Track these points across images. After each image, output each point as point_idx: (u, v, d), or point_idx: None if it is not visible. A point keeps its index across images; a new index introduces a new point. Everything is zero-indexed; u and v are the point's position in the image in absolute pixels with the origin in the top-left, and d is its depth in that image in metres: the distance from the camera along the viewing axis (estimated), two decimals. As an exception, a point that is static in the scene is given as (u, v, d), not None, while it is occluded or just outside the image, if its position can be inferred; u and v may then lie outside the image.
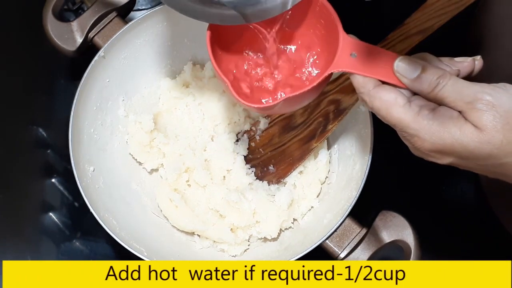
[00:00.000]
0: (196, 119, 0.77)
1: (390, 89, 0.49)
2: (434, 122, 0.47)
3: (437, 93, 0.48)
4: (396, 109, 0.48)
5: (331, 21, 0.52)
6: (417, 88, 0.49)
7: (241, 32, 0.56)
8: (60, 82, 0.87)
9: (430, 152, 0.48)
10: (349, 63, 0.50)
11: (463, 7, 0.57)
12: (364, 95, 0.50)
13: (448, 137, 0.46)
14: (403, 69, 0.49)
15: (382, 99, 0.48)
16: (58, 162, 0.83)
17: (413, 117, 0.47)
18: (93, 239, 0.79)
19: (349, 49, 0.50)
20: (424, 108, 0.48)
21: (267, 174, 0.74)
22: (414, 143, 0.48)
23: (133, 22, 0.72)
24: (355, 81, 0.50)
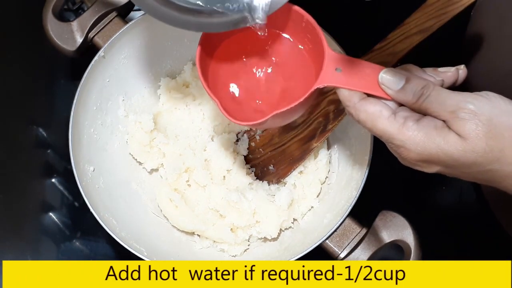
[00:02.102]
0: (196, 119, 0.77)
1: (375, 102, 0.50)
2: (419, 133, 0.48)
3: (421, 103, 0.48)
4: (381, 121, 0.49)
5: (316, 36, 0.53)
6: (402, 99, 0.49)
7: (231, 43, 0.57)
8: (60, 82, 0.87)
9: (416, 161, 0.49)
10: (334, 78, 0.51)
11: (462, 7, 0.57)
12: (350, 108, 0.51)
13: (433, 147, 0.47)
14: (387, 80, 0.50)
15: (367, 112, 0.49)
16: (58, 162, 0.83)
17: (398, 129, 0.48)
18: (93, 239, 0.79)
19: (334, 64, 0.51)
20: (409, 119, 0.49)
21: (267, 174, 0.74)
22: (401, 153, 0.49)
23: (133, 22, 0.72)
24: (341, 95, 0.51)
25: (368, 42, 0.63)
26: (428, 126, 0.48)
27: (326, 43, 0.52)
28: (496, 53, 0.65)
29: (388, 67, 0.61)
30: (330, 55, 0.51)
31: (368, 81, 0.51)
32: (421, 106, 0.49)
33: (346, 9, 0.89)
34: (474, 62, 0.69)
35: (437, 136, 0.47)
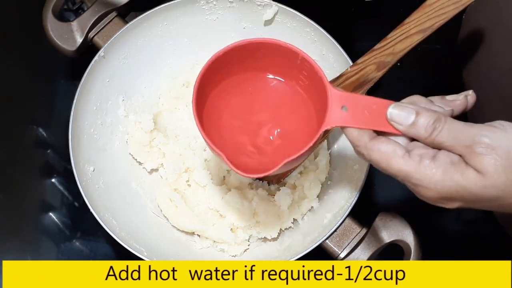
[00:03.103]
0: (196, 119, 0.77)
1: (387, 141, 0.48)
2: (437, 171, 0.46)
3: (434, 138, 0.47)
4: (396, 160, 0.47)
5: (315, 74, 0.50)
6: (413, 134, 0.48)
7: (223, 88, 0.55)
8: (60, 82, 0.87)
9: (436, 199, 0.48)
10: (342, 118, 0.49)
11: (462, 7, 0.57)
12: (360, 149, 0.49)
13: (452, 184, 0.46)
14: (397, 116, 0.48)
15: (380, 151, 0.48)
16: (58, 162, 0.83)
17: (414, 168, 0.47)
18: (93, 239, 0.79)
19: (339, 102, 0.49)
20: (424, 157, 0.47)
21: (267, 174, 0.74)
22: (419, 192, 0.48)
23: (133, 22, 0.72)
24: (349, 135, 0.49)
25: (368, 42, 0.63)
26: (445, 163, 0.46)
27: (327, 81, 0.49)
28: (491, 53, 0.65)
29: (388, 67, 0.62)
30: (334, 94, 0.49)
31: (376, 117, 0.49)
32: (434, 141, 0.47)
33: (346, 9, 0.89)
34: (469, 63, 0.69)
35: (455, 173, 0.46)
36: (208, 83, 0.53)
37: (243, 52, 0.52)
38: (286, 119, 0.55)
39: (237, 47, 0.52)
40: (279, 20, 0.74)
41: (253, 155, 0.55)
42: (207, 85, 0.53)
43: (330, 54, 0.71)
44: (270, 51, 0.52)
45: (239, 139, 0.55)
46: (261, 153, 0.55)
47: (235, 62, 0.53)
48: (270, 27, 0.75)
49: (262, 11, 0.74)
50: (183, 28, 0.76)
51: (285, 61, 0.52)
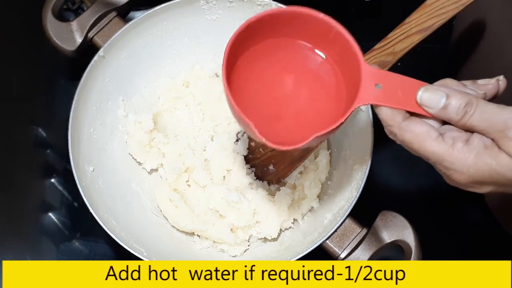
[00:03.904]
0: (196, 119, 0.77)
1: (421, 122, 0.48)
2: (470, 155, 0.46)
3: (466, 122, 0.47)
4: (430, 142, 0.47)
5: (348, 50, 0.49)
6: (444, 117, 0.47)
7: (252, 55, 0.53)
8: (60, 82, 0.87)
9: (468, 183, 0.48)
10: (375, 95, 0.48)
11: (462, 6, 0.57)
12: (393, 128, 0.48)
13: (485, 168, 0.46)
14: (427, 99, 0.47)
15: (414, 132, 0.47)
16: (58, 162, 0.83)
17: (447, 151, 0.46)
18: (93, 239, 0.79)
19: (372, 80, 0.48)
20: (458, 140, 0.47)
21: (267, 174, 0.74)
22: (450, 175, 0.48)
23: (133, 22, 0.72)
24: (382, 114, 0.48)
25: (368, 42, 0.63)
26: (478, 147, 0.46)
27: (362, 57, 0.48)
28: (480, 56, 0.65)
29: (389, 66, 0.62)
30: (368, 70, 0.48)
31: (410, 98, 0.48)
32: (466, 124, 0.47)
33: (346, 9, 0.89)
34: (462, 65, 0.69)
35: (488, 157, 0.46)
36: (237, 49, 0.51)
37: (276, 19, 0.51)
38: (315, 90, 0.54)
39: (271, 14, 0.50)
40: (279, 20, 0.74)
41: (280, 126, 0.53)
42: (236, 51, 0.51)
43: (330, 54, 0.71)
44: (304, 20, 0.50)
45: (267, 108, 0.54)
46: (288, 123, 0.53)
47: (266, 28, 0.51)
48: (270, 27, 0.75)
49: (262, 11, 0.74)
50: (183, 28, 0.76)
51: (319, 31, 0.51)
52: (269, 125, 0.52)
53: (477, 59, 0.66)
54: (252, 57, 0.53)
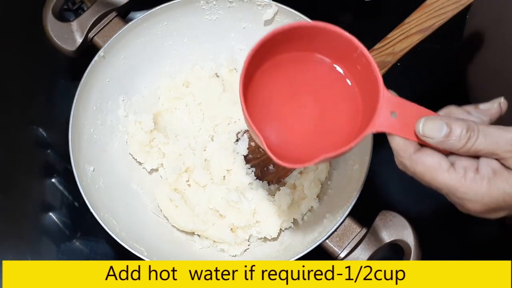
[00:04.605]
0: (196, 119, 0.77)
1: (432, 153, 0.47)
2: (482, 183, 0.46)
3: (470, 147, 0.46)
4: (442, 174, 0.46)
5: (370, 72, 0.48)
6: (447, 146, 0.47)
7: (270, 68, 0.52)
8: (60, 82, 0.87)
9: (482, 211, 0.47)
10: (390, 123, 0.47)
11: (462, 6, 0.57)
12: (404, 160, 0.48)
13: (498, 194, 0.46)
14: (429, 130, 0.47)
15: (425, 164, 0.47)
16: (58, 162, 0.83)
17: (459, 181, 0.46)
18: (93, 239, 0.79)
19: (389, 107, 0.47)
20: (468, 170, 0.46)
21: (267, 174, 0.74)
22: (464, 205, 0.47)
23: (133, 22, 0.72)
24: (395, 144, 0.48)
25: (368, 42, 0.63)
26: (488, 173, 0.46)
27: (382, 83, 0.47)
28: (496, 52, 0.65)
29: (388, 67, 0.62)
30: (386, 97, 0.47)
31: None
32: (471, 150, 0.46)
33: (346, 9, 0.89)
34: (475, 62, 0.69)
35: (501, 182, 0.45)
36: (257, 60, 0.50)
37: (300, 33, 0.50)
38: (330, 107, 0.53)
39: (296, 28, 0.49)
40: (279, 20, 0.74)
41: (291, 140, 0.53)
42: (255, 62, 0.50)
43: (330, 54, 0.71)
44: (329, 37, 0.49)
45: (280, 121, 0.53)
46: (299, 139, 0.53)
47: (288, 41, 0.51)
48: (270, 27, 0.75)
49: (262, 11, 0.74)
50: (183, 28, 0.76)
51: (342, 49, 0.50)
52: (280, 139, 0.52)
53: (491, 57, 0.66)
54: (271, 69, 0.52)
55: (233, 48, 0.79)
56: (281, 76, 0.53)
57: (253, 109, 0.50)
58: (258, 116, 0.51)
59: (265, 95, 0.53)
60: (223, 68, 0.79)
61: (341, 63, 0.52)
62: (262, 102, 0.52)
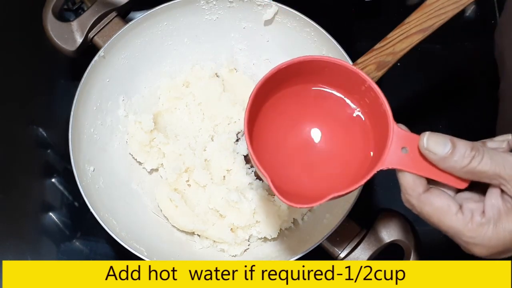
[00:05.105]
0: (196, 119, 0.77)
1: (441, 195, 0.46)
2: (489, 227, 0.45)
3: (474, 167, 0.44)
4: (450, 217, 0.45)
5: (379, 105, 0.47)
6: (451, 164, 0.45)
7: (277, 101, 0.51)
8: (60, 82, 0.87)
9: (489, 255, 0.46)
10: (400, 160, 0.45)
11: (462, 6, 0.57)
12: (412, 198, 0.46)
13: (506, 235, 0.45)
14: (433, 145, 0.45)
15: (433, 206, 0.46)
16: (58, 162, 0.83)
17: (467, 226, 0.45)
18: (93, 239, 0.79)
19: (400, 143, 0.46)
20: (475, 213, 0.45)
21: (267, 174, 0.74)
22: (471, 249, 0.46)
23: (133, 22, 0.72)
24: (404, 181, 0.46)
25: (368, 42, 0.63)
26: (494, 215, 0.45)
27: (391, 117, 0.46)
28: None
29: (389, 66, 0.62)
30: (396, 132, 0.46)
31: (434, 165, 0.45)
32: (475, 170, 0.44)
33: (346, 9, 0.89)
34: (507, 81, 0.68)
35: (507, 223, 0.44)
36: (263, 94, 0.50)
37: (306, 67, 0.49)
38: (341, 142, 0.52)
39: (302, 62, 0.48)
40: (279, 20, 0.74)
41: (299, 177, 0.52)
42: (261, 97, 0.50)
43: (330, 54, 0.71)
44: (336, 71, 0.49)
45: (287, 157, 0.52)
46: (308, 175, 0.52)
47: (294, 75, 0.50)
48: (270, 27, 0.75)
49: (262, 11, 0.74)
50: (183, 28, 0.76)
51: (350, 82, 0.49)
52: (287, 175, 0.51)
53: None
54: (278, 103, 0.52)
55: (233, 48, 0.79)
56: (288, 110, 0.52)
57: (259, 145, 0.49)
58: (265, 153, 0.49)
59: (271, 130, 0.52)
60: (223, 68, 0.79)
61: (350, 96, 0.51)
62: (268, 137, 0.51)
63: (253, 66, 0.80)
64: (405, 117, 0.82)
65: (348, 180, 0.47)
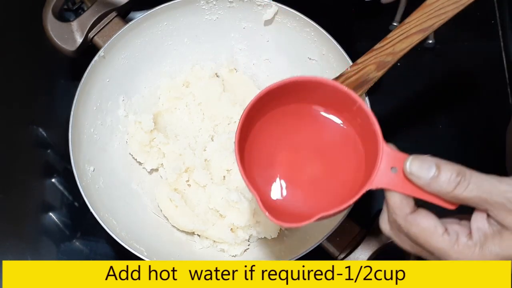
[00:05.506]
0: (196, 119, 0.77)
1: (428, 216, 0.46)
2: (475, 249, 0.44)
3: (460, 193, 0.44)
4: (436, 239, 0.45)
5: (369, 126, 0.47)
6: (435, 189, 0.44)
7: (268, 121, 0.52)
8: (60, 82, 0.87)
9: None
10: (389, 180, 0.45)
11: (462, 6, 0.57)
12: (399, 219, 0.46)
13: (491, 257, 0.44)
14: (417, 169, 0.44)
15: (420, 226, 0.45)
16: (58, 162, 0.83)
17: (453, 247, 0.45)
18: (93, 239, 0.79)
19: (389, 163, 0.45)
20: (461, 235, 0.45)
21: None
22: None
23: (133, 22, 0.72)
24: (391, 201, 0.46)
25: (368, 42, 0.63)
26: (480, 238, 0.44)
27: (381, 137, 0.46)
28: None
29: (388, 66, 0.62)
30: (386, 152, 0.46)
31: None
32: (460, 196, 0.44)
33: (346, 9, 0.89)
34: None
35: (492, 246, 0.44)
36: (254, 115, 0.50)
37: (298, 87, 0.50)
38: (332, 160, 0.52)
39: (293, 82, 0.49)
40: (279, 20, 0.74)
41: (289, 196, 0.52)
42: (252, 116, 0.50)
43: (330, 54, 0.71)
44: (328, 91, 0.49)
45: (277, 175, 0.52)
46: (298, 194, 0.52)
47: (286, 94, 0.50)
48: (270, 27, 0.75)
49: (262, 11, 0.74)
50: (183, 28, 0.76)
51: (341, 103, 0.49)
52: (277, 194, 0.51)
53: None
54: (269, 123, 0.52)
55: (233, 48, 0.79)
56: (279, 129, 0.52)
57: (250, 163, 0.49)
58: (255, 170, 0.50)
59: (263, 149, 0.52)
60: (223, 68, 0.79)
61: (342, 116, 0.52)
62: (260, 156, 0.52)
63: (253, 66, 0.80)
64: (405, 117, 0.83)
65: (338, 200, 0.47)
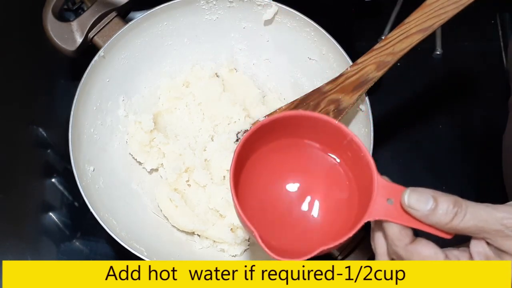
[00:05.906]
0: (196, 119, 0.77)
1: (428, 244, 0.46)
2: None
3: (457, 224, 0.44)
4: None
5: (362, 158, 0.48)
6: (433, 221, 0.45)
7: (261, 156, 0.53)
8: (60, 82, 0.87)
9: None
10: (386, 211, 0.46)
11: (462, 6, 0.57)
12: (399, 249, 0.46)
13: None
14: (415, 202, 0.45)
15: (421, 255, 0.46)
16: (58, 162, 0.83)
17: None
18: (93, 239, 0.79)
19: (385, 194, 0.46)
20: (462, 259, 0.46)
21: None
22: None
23: (133, 22, 0.72)
24: (390, 232, 0.46)
25: (368, 42, 0.63)
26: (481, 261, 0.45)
27: (375, 169, 0.46)
28: None
29: (388, 66, 0.62)
30: (381, 184, 0.46)
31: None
32: (458, 227, 0.44)
33: (346, 9, 0.89)
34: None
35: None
36: (247, 150, 0.51)
37: (289, 121, 0.50)
38: (326, 195, 0.53)
39: (285, 117, 0.49)
40: (279, 20, 0.74)
41: (286, 231, 0.52)
42: (246, 152, 0.51)
43: (330, 54, 0.71)
44: (318, 125, 0.50)
45: (274, 212, 0.53)
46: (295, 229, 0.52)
47: (278, 129, 0.51)
48: (270, 27, 0.75)
49: (262, 11, 0.74)
50: (183, 28, 0.76)
51: (332, 137, 0.50)
52: (274, 230, 0.51)
53: None
54: (262, 158, 0.52)
55: (233, 48, 0.79)
56: (273, 164, 0.53)
57: (245, 200, 0.50)
58: (251, 207, 0.50)
59: (257, 185, 0.52)
60: (223, 68, 0.79)
61: (332, 150, 0.52)
62: (255, 192, 0.52)
63: (253, 66, 0.80)
64: (405, 117, 0.83)
65: (336, 232, 0.48)
